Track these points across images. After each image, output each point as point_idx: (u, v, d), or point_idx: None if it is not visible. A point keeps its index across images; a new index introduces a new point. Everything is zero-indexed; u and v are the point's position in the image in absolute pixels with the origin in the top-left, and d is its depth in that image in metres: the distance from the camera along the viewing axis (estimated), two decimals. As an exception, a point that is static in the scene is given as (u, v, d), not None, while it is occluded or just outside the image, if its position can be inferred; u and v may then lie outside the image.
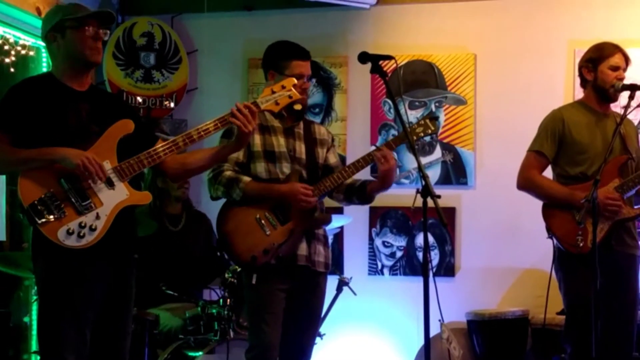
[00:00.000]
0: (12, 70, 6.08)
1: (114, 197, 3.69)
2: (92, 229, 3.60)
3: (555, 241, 4.80)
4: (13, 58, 6.12)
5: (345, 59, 6.66)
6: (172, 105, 6.69)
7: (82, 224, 3.59)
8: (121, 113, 3.87)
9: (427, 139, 6.36)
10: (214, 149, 4.03)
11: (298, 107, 4.35)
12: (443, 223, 3.88)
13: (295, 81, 4.05)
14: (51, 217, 3.56)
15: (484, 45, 6.57)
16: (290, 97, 4.00)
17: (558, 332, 5.60)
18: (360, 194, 4.50)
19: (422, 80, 6.60)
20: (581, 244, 4.56)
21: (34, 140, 3.64)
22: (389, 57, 4.13)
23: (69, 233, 3.57)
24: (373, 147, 4.57)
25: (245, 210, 4.31)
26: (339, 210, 6.48)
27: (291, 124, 4.47)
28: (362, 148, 6.47)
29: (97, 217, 3.63)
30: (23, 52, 6.19)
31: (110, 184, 3.68)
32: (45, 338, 3.66)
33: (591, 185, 4.41)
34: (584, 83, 4.89)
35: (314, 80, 6.55)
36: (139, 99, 6.62)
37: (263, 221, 4.28)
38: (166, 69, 6.72)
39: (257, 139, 4.37)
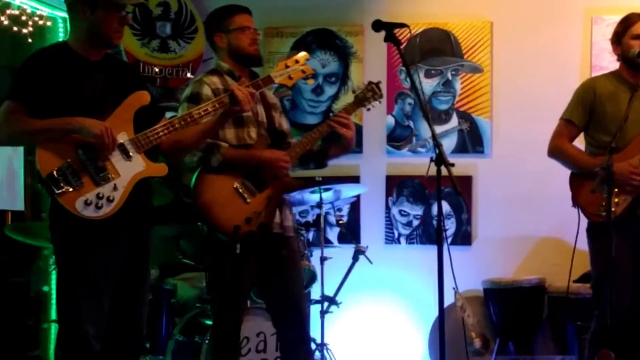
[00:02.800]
0: (29, 40, 6.10)
1: (131, 168, 3.70)
2: (109, 200, 3.62)
3: (580, 211, 4.81)
4: (30, 29, 6.14)
5: (361, 28, 6.63)
6: (189, 75, 6.69)
7: (100, 195, 3.60)
8: (136, 84, 3.87)
9: (446, 105, 6.42)
10: (203, 126, 3.97)
11: (311, 82, 4.36)
12: (457, 191, 3.90)
13: (308, 56, 4.06)
14: (69, 187, 3.57)
15: (500, 13, 6.53)
16: (303, 71, 4.03)
17: (575, 300, 5.63)
18: (318, 159, 4.50)
19: (438, 48, 6.57)
20: (604, 214, 4.55)
21: (50, 111, 3.64)
22: (402, 25, 4.14)
23: (87, 204, 3.58)
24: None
25: (221, 179, 4.21)
26: (355, 180, 6.52)
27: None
28: (378, 117, 6.49)
29: (115, 188, 3.64)
30: (40, 22, 6.20)
31: (127, 155, 3.69)
32: (64, 307, 3.70)
33: (614, 155, 4.43)
34: (617, 58, 4.89)
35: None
36: (156, 69, 6.63)
37: (241, 190, 4.20)
38: (182, 39, 6.72)
39: None
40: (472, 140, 6.52)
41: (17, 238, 5.38)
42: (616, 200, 4.57)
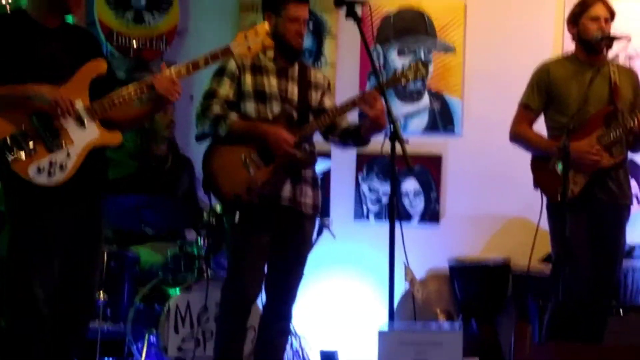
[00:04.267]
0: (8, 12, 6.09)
1: (85, 136, 3.73)
2: (62, 167, 3.66)
3: (542, 192, 4.88)
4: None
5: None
6: (163, 47, 6.71)
7: (53, 162, 3.65)
8: (93, 51, 3.90)
9: (418, 84, 6.45)
10: (141, 110, 4.03)
11: (270, 53, 4.41)
12: (409, 166, 3.95)
13: (268, 28, 4.09)
14: (22, 153, 3.60)
15: (474, -6, 6.57)
16: (262, 43, 4.06)
17: (538, 279, 5.69)
18: (355, 137, 4.58)
19: (412, 27, 6.60)
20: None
21: (5, 77, 3.66)
22: (361, 2, 4.18)
23: (40, 170, 3.62)
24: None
25: (230, 150, 4.36)
26: (326, 155, 6.55)
27: (284, 65, 4.50)
28: (351, 94, 6.45)
29: (68, 155, 3.68)
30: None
31: (81, 123, 3.72)
32: (13, 269, 3.73)
33: (572, 135, 4.48)
34: (572, 38, 4.93)
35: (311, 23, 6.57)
36: (134, 42, 6.64)
37: (247, 160, 4.34)
38: (157, 10, 6.73)
39: (248, 79, 4.42)
40: (443, 119, 6.56)
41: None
42: (575, 180, 4.63)
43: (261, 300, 4.69)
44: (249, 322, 4.51)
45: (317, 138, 4.78)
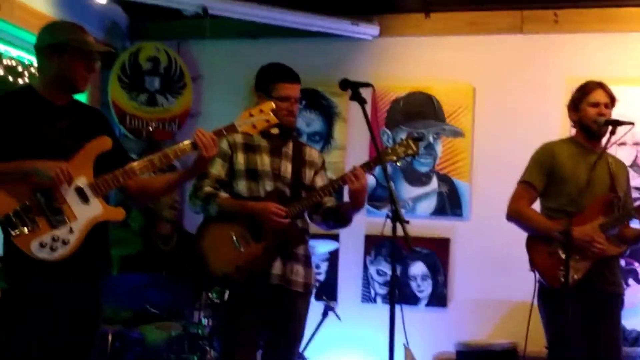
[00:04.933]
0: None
1: (88, 212, 3.74)
2: (64, 243, 3.66)
3: (537, 275, 4.84)
4: (27, 79, 6.24)
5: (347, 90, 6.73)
6: (175, 129, 6.81)
7: (55, 238, 3.65)
8: (100, 129, 3.93)
9: (426, 169, 6.48)
10: (174, 175, 4.10)
11: (275, 131, 4.42)
12: (410, 247, 3.94)
13: (274, 105, 4.12)
14: (25, 229, 3.62)
15: (483, 79, 6.66)
16: (267, 121, 4.08)
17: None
18: (336, 215, 4.54)
19: (421, 112, 6.70)
20: (563, 279, 4.57)
21: (11, 153, 3.68)
22: (367, 85, 4.24)
23: (42, 246, 3.62)
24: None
25: (221, 227, 4.34)
26: (334, 238, 6.57)
27: (278, 143, 4.52)
28: (360, 176, 6.56)
29: (71, 231, 3.69)
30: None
31: (85, 199, 3.74)
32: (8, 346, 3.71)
33: (573, 219, 4.47)
34: (572, 124, 4.96)
35: (304, 102, 6.64)
36: (151, 127, 6.73)
37: (237, 238, 4.31)
38: (170, 94, 6.85)
39: (240, 158, 4.44)
40: (451, 202, 6.59)
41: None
42: (577, 266, 4.60)
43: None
44: None
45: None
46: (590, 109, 4.79)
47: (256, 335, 4.43)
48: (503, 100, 6.60)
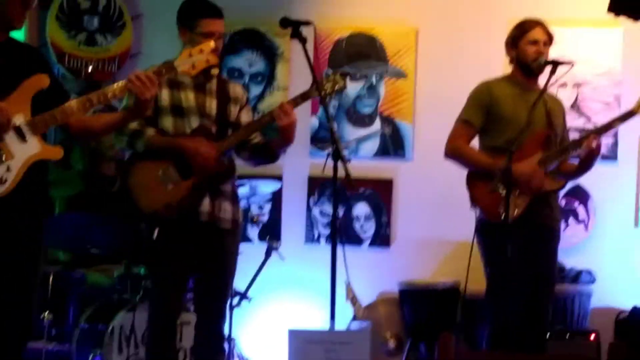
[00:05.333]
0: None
1: (25, 150, 3.69)
2: (1, 181, 3.61)
3: (478, 212, 4.90)
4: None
5: (288, 29, 6.67)
6: (115, 69, 6.72)
7: None
8: (37, 67, 3.86)
9: (369, 109, 6.49)
10: (116, 115, 4.03)
11: (215, 71, 4.40)
12: (351, 185, 3.96)
13: (213, 45, 4.09)
14: None
15: (426, 20, 6.64)
16: (207, 61, 4.05)
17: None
18: (265, 151, 4.54)
19: (364, 53, 6.67)
20: (503, 214, 4.63)
21: None
22: (307, 23, 4.23)
23: None
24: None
25: (148, 165, 4.31)
26: (278, 179, 6.57)
27: (202, 80, 4.47)
28: (303, 117, 6.54)
29: (8, 169, 3.63)
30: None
31: (22, 137, 3.68)
32: None
33: (512, 156, 4.51)
34: (510, 60, 5.00)
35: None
36: (90, 67, 6.64)
37: (165, 176, 4.28)
38: (110, 33, 6.75)
39: (164, 94, 4.38)
40: (394, 144, 6.61)
41: None
42: (517, 202, 4.67)
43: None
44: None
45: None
46: (529, 46, 4.84)
47: (185, 273, 4.43)
48: (446, 41, 6.60)
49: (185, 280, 4.47)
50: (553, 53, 4.99)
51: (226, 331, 5.47)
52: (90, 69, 6.69)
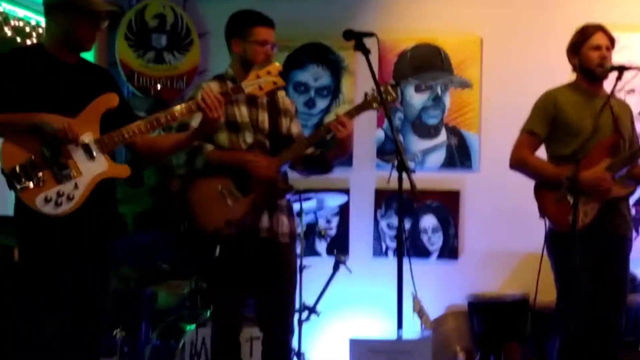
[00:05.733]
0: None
1: (93, 168, 3.75)
2: (69, 198, 3.67)
3: (547, 222, 4.84)
4: (34, 40, 6.21)
5: (352, 42, 6.69)
6: (183, 86, 6.80)
7: (60, 193, 3.66)
8: (107, 87, 3.94)
9: (435, 120, 6.47)
10: (181, 136, 4.08)
11: (282, 93, 4.43)
12: (415, 195, 3.94)
13: (281, 67, 4.11)
14: (30, 183, 3.63)
15: (490, 29, 6.61)
16: (275, 83, 4.09)
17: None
18: (320, 163, 4.54)
19: (428, 64, 6.66)
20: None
21: (18, 108, 3.69)
22: (370, 35, 4.23)
23: (47, 200, 3.63)
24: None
25: (207, 182, 4.29)
26: (343, 190, 6.57)
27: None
28: (369, 129, 6.57)
29: (76, 186, 3.70)
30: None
31: (90, 155, 3.75)
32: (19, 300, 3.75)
33: (579, 164, 4.46)
34: (573, 67, 4.94)
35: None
36: (159, 85, 6.73)
37: (225, 192, 4.26)
38: (177, 51, 6.83)
39: None
40: (460, 155, 6.58)
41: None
42: (586, 210, 4.61)
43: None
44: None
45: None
46: (591, 52, 4.78)
47: (246, 289, 4.42)
48: (511, 50, 6.56)
49: (246, 296, 4.46)
50: (620, 59, 4.93)
51: (295, 346, 5.50)
52: (158, 87, 6.78)
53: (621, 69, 4.63)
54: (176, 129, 4.26)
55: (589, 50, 4.79)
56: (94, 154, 3.77)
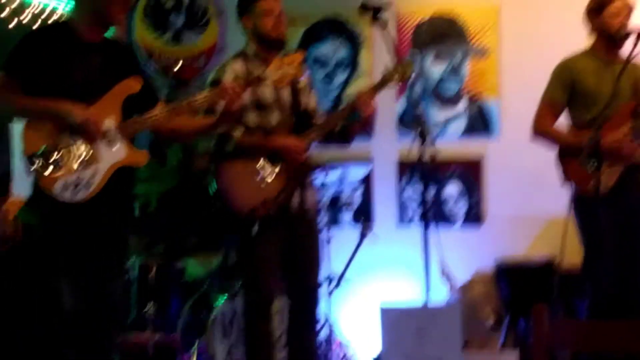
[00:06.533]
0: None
1: (112, 155, 3.75)
2: (87, 185, 3.68)
3: (572, 186, 4.89)
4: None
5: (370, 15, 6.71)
6: (202, 64, 6.84)
7: (79, 179, 3.66)
8: (131, 68, 3.95)
9: (455, 88, 6.50)
10: (206, 121, 4.12)
11: (302, 84, 4.51)
12: (436, 164, 3.99)
13: (302, 57, 4.15)
14: (49, 169, 3.63)
15: (507, -3, 6.61)
16: (296, 75, 4.14)
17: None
18: (342, 137, 4.62)
19: (446, 33, 6.67)
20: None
21: (41, 89, 3.69)
22: (384, 7, 4.28)
23: (66, 187, 3.64)
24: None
25: (239, 163, 4.38)
26: (365, 160, 6.61)
27: None
28: (388, 102, 6.59)
29: (94, 173, 3.70)
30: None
31: (110, 141, 3.75)
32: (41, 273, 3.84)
33: (600, 129, 4.50)
34: (590, 32, 4.95)
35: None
36: (178, 65, 6.77)
37: (259, 173, 4.37)
38: (195, 30, 6.87)
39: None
40: (481, 122, 6.60)
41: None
42: (609, 173, 4.65)
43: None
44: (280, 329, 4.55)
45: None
46: (612, 18, 4.78)
47: (279, 263, 4.52)
48: (528, 17, 6.54)
49: (279, 271, 4.56)
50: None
51: (324, 316, 5.58)
52: (178, 66, 6.82)
53: (640, 34, 4.65)
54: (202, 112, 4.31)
55: (608, 15, 4.79)
56: (115, 140, 3.76)
